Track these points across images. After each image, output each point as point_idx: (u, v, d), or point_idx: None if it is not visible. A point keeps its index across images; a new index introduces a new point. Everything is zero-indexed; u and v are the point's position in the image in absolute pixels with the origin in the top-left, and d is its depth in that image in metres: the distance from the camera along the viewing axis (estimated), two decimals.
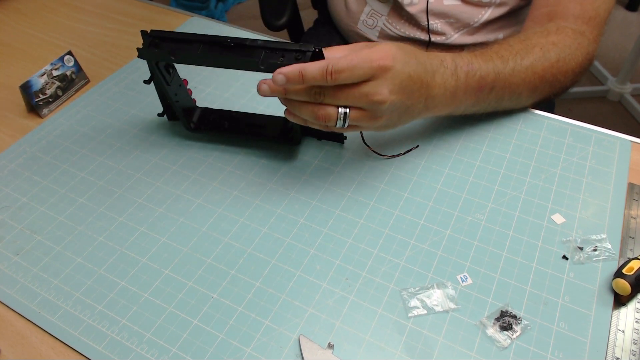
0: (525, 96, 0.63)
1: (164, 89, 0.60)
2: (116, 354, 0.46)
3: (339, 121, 0.50)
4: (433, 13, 0.80)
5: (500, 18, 0.80)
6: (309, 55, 0.51)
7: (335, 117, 0.50)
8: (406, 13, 0.81)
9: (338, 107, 0.50)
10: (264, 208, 0.58)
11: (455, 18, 0.80)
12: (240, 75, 0.74)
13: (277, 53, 0.52)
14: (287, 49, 0.52)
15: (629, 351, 0.46)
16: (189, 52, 0.54)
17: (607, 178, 0.59)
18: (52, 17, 0.89)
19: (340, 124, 0.50)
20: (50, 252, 0.54)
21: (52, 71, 0.71)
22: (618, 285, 0.48)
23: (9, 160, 0.64)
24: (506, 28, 0.82)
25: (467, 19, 0.80)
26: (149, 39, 0.55)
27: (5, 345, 0.48)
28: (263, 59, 0.52)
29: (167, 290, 0.51)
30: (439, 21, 0.80)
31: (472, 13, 0.79)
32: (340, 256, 0.53)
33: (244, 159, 0.63)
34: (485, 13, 0.79)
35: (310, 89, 0.49)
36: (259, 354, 0.46)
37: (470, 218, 0.56)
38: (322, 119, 0.50)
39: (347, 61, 0.47)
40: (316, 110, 0.50)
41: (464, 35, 0.81)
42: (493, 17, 0.79)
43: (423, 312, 0.49)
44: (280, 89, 0.49)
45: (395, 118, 0.53)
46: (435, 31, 0.81)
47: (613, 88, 1.91)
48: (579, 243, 0.53)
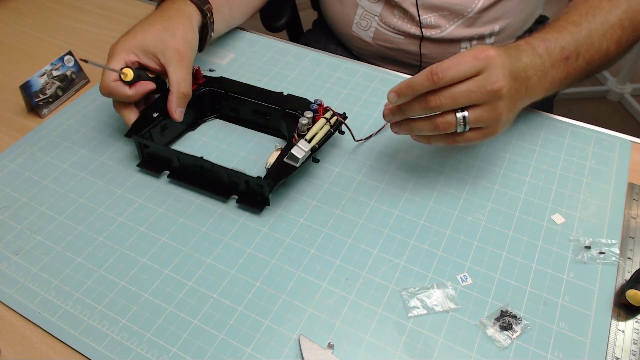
0: (614, 50, 0.61)
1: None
2: (116, 354, 0.46)
3: (459, 126, 0.51)
4: (425, 7, 0.79)
5: (495, 5, 0.79)
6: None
7: (455, 122, 0.50)
8: (398, 9, 0.81)
9: (455, 113, 0.50)
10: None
11: (448, 10, 0.79)
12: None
13: (240, 178, 0.56)
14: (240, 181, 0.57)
15: (629, 351, 0.46)
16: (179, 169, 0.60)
17: (607, 178, 0.59)
18: (52, 17, 0.89)
19: (462, 129, 0.51)
20: (50, 252, 0.54)
21: (52, 71, 0.71)
22: (635, 298, 0.47)
23: (9, 160, 0.64)
24: (502, 19, 0.81)
25: (461, 10, 0.79)
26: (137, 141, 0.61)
27: (5, 345, 0.48)
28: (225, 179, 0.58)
29: (167, 290, 0.51)
30: (432, 14, 0.80)
31: (465, 3, 0.79)
32: (340, 256, 0.53)
33: (244, 158, 0.63)
34: (478, 1, 0.78)
35: (426, 102, 0.50)
36: (259, 354, 0.46)
37: (470, 218, 0.56)
38: (443, 127, 0.51)
39: (449, 60, 0.48)
40: (435, 121, 0.51)
41: (459, 28, 0.80)
42: (487, 4, 0.79)
43: (423, 312, 0.49)
44: (396, 107, 0.52)
45: (513, 109, 0.52)
46: (428, 25, 0.81)
47: (613, 88, 1.91)
48: (587, 243, 0.53)
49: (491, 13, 0.80)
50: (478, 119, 0.50)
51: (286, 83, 0.73)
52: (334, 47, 0.96)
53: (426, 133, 0.53)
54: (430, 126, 0.52)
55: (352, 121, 0.66)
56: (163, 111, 0.61)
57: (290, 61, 0.77)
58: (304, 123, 0.58)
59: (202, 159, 0.57)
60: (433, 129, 0.52)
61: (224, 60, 0.77)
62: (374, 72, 0.74)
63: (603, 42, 0.60)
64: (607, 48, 0.61)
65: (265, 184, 0.54)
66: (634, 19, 0.61)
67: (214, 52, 0.78)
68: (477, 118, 0.50)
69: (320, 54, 0.78)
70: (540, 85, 0.56)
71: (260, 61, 0.77)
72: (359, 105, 0.69)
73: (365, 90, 0.71)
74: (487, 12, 0.80)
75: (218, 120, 0.68)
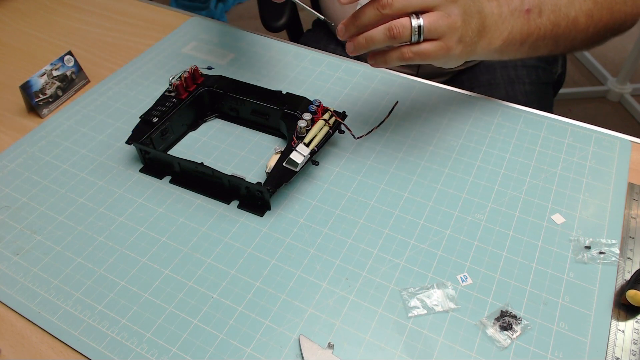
0: (584, 22, 0.59)
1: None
2: (116, 354, 0.46)
3: (414, 35, 0.49)
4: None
5: None
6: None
7: (409, 26, 0.48)
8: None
9: (411, 20, 0.48)
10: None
11: None
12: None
13: (241, 184, 0.56)
14: (240, 186, 0.57)
15: (629, 351, 0.46)
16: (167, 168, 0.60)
17: (607, 178, 0.59)
18: (52, 17, 0.89)
19: (416, 37, 0.49)
20: (50, 252, 0.54)
21: (52, 71, 0.71)
22: (635, 298, 0.47)
23: (9, 160, 0.64)
24: None
25: None
26: (138, 148, 0.61)
27: (5, 345, 0.48)
28: (226, 184, 0.58)
29: (167, 290, 0.51)
30: None
31: None
32: (340, 256, 0.53)
33: (245, 158, 0.63)
34: None
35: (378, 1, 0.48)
36: (259, 354, 0.46)
37: (470, 218, 0.56)
38: (397, 32, 0.48)
39: None
40: (389, 25, 0.49)
41: None
42: None
43: (423, 312, 0.49)
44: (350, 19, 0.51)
45: (468, 25, 0.50)
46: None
47: (613, 88, 1.91)
48: (587, 243, 0.53)
49: None
50: (433, 24, 0.49)
51: (286, 83, 0.73)
52: (333, 47, 0.96)
53: (380, 44, 0.50)
54: (384, 32, 0.49)
55: (352, 121, 0.66)
56: (162, 115, 0.62)
57: (290, 61, 0.77)
58: (302, 126, 0.58)
59: (203, 165, 0.57)
60: (387, 36, 0.49)
61: (223, 60, 0.77)
62: (374, 72, 0.74)
63: (571, 9, 0.58)
64: (575, 16, 0.58)
65: (265, 190, 0.55)
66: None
67: (214, 52, 0.78)
68: (431, 23, 0.49)
69: (320, 54, 0.78)
70: (497, 28, 0.54)
71: (260, 61, 0.77)
72: (359, 105, 0.69)
73: (365, 90, 0.71)
74: None
75: (218, 120, 0.68)
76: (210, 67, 0.71)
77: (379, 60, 0.53)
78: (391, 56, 0.52)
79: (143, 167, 0.62)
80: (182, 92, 0.64)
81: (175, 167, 0.60)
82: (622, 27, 0.64)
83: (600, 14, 0.60)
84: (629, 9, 0.61)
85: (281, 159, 0.57)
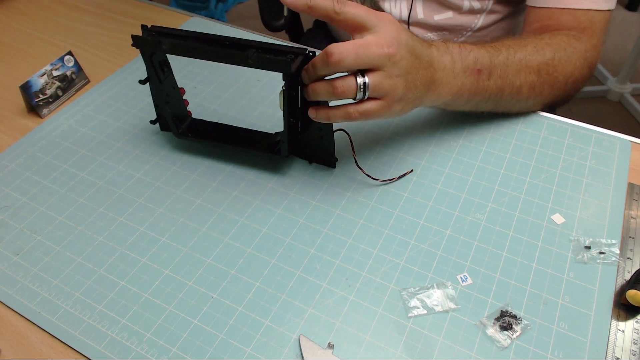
0: (526, 93, 0.61)
1: (157, 89, 0.60)
2: (116, 354, 0.46)
3: (359, 92, 0.49)
4: (426, 27, 0.80)
5: (494, 24, 0.80)
6: (300, 59, 0.51)
7: (355, 85, 0.49)
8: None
9: (356, 78, 0.49)
10: (264, 208, 0.58)
11: (449, 30, 0.80)
12: (240, 76, 0.74)
13: (269, 53, 0.53)
14: (280, 49, 0.52)
15: (629, 351, 0.46)
16: (179, 44, 0.55)
17: (607, 178, 0.59)
18: (52, 17, 0.89)
19: (361, 95, 0.50)
20: (50, 252, 0.54)
21: (52, 71, 0.71)
22: (635, 298, 0.47)
23: (9, 160, 0.64)
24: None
25: (460, 29, 0.80)
26: (147, 32, 0.56)
27: (5, 345, 0.48)
28: (252, 55, 0.52)
29: (167, 290, 0.51)
30: (431, 33, 0.81)
31: (466, 22, 0.79)
32: (340, 256, 0.53)
33: (245, 157, 0.63)
34: (478, 21, 0.79)
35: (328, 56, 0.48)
36: (259, 354, 0.46)
37: (470, 218, 0.56)
38: (341, 90, 0.49)
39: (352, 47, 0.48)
40: (334, 83, 0.49)
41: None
42: (486, 24, 0.79)
43: (423, 312, 0.49)
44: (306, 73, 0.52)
45: (410, 86, 0.51)
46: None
47: (613, 88, 1.91)
48: (587, 243, 0.53)
49: (489, 31, 0.81)
50: (377, 84, 0.49)
51: None
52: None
53: (325, 97, 0.51)
54: (328, 88, 0.50)
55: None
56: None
57: None
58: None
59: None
60: (330, 93, 0.50)
61: None
62: None
63: (517, 79, 0.60)
64: (519, 86, 0.61)
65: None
66: (552, 73, 0.61)
67: None
68: (375, 83, 0.49)
69: None
70: (448, 84, 0.55)
71: None
72: None
73: None
74: (485, 30, 0.81)
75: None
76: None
77: (321, 115, 0.53)
78: (335, 114, 0.52)
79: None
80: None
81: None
82: (558, 103, 0.67)
83: (542, 88, 0.62)
84: (568, 89, 0.64)
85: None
